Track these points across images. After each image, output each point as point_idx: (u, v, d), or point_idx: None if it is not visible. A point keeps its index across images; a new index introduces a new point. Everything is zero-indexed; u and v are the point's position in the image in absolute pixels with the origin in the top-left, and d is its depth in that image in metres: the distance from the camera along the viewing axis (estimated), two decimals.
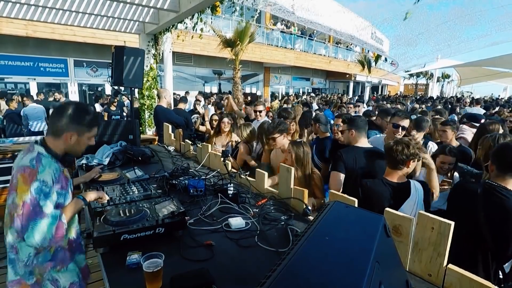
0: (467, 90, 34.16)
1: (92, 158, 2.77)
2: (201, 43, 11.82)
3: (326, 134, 3.57)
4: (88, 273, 1.80)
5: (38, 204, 1.33)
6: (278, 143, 2.88)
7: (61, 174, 1.51)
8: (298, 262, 0.65)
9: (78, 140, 1.53)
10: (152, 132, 5.85)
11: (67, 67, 11.94)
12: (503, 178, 1.67)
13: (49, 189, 1.39)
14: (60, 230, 1.39)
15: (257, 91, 19.49)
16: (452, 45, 17.90)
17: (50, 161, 1.44)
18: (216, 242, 1.46)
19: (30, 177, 1.34)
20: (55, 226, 1.36)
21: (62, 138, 1.49)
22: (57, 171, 1.47)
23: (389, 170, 2.03)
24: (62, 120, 1.48)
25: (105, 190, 1.83)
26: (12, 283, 1.48)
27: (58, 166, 1.50)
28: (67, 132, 1.49)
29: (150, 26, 5.27)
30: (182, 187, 2.12)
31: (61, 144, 1.51)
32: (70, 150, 1.56)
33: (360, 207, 1.05)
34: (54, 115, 1.51)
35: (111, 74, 4.10)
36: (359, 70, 20.32)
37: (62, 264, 1.56)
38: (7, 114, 7.14)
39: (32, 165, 1.37)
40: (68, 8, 4.24)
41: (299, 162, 2.47)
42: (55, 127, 1.49)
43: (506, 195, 1.61)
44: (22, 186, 1.33)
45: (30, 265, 1.46)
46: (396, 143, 1.97)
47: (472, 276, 1.09)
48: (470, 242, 1.70)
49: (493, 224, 1.62)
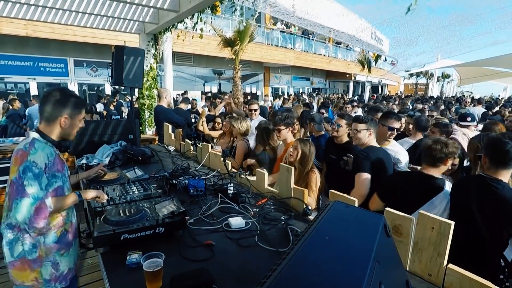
0: (467, 90, 34.13)
1: (92, 158, 2.77)
2: (201, 43, 11.81)
3: (321, 132, 3.63)
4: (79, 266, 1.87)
5: (22, 184, 1.38)
6: (282, 135, 3.00)
7: (56, 158, 1.57)
8: (298, 262, 0.65)
9: (71, 122, 1.61)
10: (152, 132, 5.85)
11: (67, 67, 11.93)
12: (495, 170, 1.75)
13: (39, 171, 1.43)
14: (41, 212, 1.43)
15: (257, 91, 19.48)
16: (452, 42, 17.91)
17: (44, 145, 1.51)
18: (216, 242, 1.46)
19: (21, 158, 1.42)
20: (34, 206, 1.40)
21: (56, 123, 1.58)
22: (51, 155, 1.52)
23: (427, 168, 2.07)
24: (53, 107, 1.56)
25: (105, 189, 1.84)
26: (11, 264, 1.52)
27: (53, 150, 1.56)
28: (61, 116, 1.57)
29: (150, 26, 5.26)
30: (182, 187, 2.12)
31: (55, 129, 1.59)
32: (65, 134, 1.63)
33: (358, 208, 1.05)
34: (44, 103, 1.58)
35: (111, 74, 4.09)
36: (359, 70, 20.31)
37: (66, 248, 1.63)
38: (10, 114, 7.23)
39: (25, 148, 1.45)
40: (68, 8, 4.23)
41: (303, 160, 2.49)
42: (47, 114, 1.57)
43: (497, 186, 1.69)
44: (13, 167, 1.41)
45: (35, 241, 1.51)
46: (435, 142, 2.02)
47: (472, 276, 1.09)
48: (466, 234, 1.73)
49: (486, 214, 1.70)
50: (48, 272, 1.55)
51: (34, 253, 1.52)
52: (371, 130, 2.52)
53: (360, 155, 2.43)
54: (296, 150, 2.50)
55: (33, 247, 1.51)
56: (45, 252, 1.54)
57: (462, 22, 16.90)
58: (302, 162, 2.49)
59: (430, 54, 22.09)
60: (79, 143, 3.02)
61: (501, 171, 1.73)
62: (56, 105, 1.57)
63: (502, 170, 1.73)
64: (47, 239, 1.54)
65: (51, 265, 1.56)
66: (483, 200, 1.73)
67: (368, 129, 2.51)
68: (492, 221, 1.68)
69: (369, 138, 2.53)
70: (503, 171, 1.73)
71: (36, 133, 1.55)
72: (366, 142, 2.53)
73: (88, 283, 2.81)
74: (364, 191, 2.33)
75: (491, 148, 1.78)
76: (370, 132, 2.51)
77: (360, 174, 2.37)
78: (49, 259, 1.56)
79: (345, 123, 2.95)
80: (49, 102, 1.56)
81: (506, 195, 1.65)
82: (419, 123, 3.36)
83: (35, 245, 1.51)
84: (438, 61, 22.25)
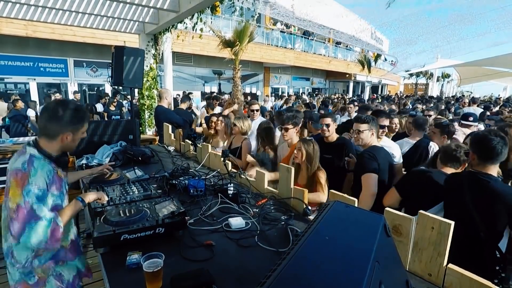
0: (467, 89, 34.11)
1: (92, 158, 2.77)
2: (201, 43, 11.82)
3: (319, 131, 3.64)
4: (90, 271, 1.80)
5: (31, 208, 1.32)
6: (289, 135, 3.03)
7: (54, 175, 1.50)
8: (298, 262, 0.65)
9: (73, 138, 1.55)
10: (152, 132, 5.85)
11: (67, 67, 11.93)
12: (484, 165, 1.82)
13: (43, 192, 1.37)
14: (56, 233, 1.38)
15: (257, 91, 19.48)
16: (452, 41, 17.94)
17: (42, 163, 1.43)
18: (216, 242, 1.46)
19: (22, 180, 1.34)
20: (50, 229, 1.35)
21: (57, 139, 1.50)
22: (50, 172, 1.46)
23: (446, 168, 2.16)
24: (55, 123, 1.47)
25: (105, 190, 1.83)
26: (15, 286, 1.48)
27: (52, 167, 1.49)
28: (63, 133, 1.49)
29: (150, 26, 5.27)
30: (182, 187, 2.12)
31: (56, 145, 1.51)
32: (66, 148, 1.57)
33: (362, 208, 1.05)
34: (45, 118, 1.48)
35: (111, 74, 4.10)
36: (359, 70, 20.31)
37: (63, 259, 1.57)
38: (14, 115, 7.27)
39: (23, 168, 1.36)
40: (68, 8, 4.24)
41: (309, 160, 2.51)
42: (48, 130, 1.48)
43: (488, 180, 1.77)
44: (15, 190, 1.33)
45: (28, 267, 1.46)
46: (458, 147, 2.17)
47: (472, 276, 1.09)
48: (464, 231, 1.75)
49: (481, 208, 1.76)
50: (53, 285, 1.51)
51: (32, 278, 1.47)
52: (373, 129, 2.51)
53: (366, 155, 2.42)
54: (300, 151, 2.52)
55: (29, 273, 1.46)
56: (43, 271, 1.49)
57: (461, 21, 16.94)
58: (309, 162, 2.52)
59: (430, 54, 22.14)
60: (79, 143, 3.00)
61: (489, 166, 1.81)
62: (58, 122, 1.47)
63: (490, 165, 1.81)
64: (42, 259, 1.48)
65: (54, 278, 1.52)
66: (476, 195, 1.79)
67: (370, 129, 2.50)
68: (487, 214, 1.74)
69: (371, 138, 2.52)
70: (491, 166, 1.82)
71: (34, 149, 1.46)
72: (368, 142, 2.52)
73: (88, 283, 2.81)
74: (373, 191, 2.33)
75: (478, 145, 1.85)
76: (372, 132, 2.51)
77: (369, 175, 2.35)
78: (50, 274, 1.51)
79: (331, 121, 3.01)
80: (50, 118, 1.47)
81: (498, 187, 1.73)
82: (416, 123, 3.40)
83: (30, 271, 1.46)
84: (438, 61, 22.27)
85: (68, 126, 1.49)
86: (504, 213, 1.67)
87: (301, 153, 2.51)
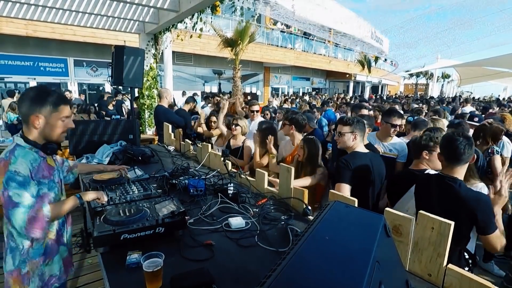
0: (467, 90, 34.12)
1: (92, 158, 2.77)
2: (201, 42, 11.83)
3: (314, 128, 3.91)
4: (71, 262, 1.78)
5: (8, 195, 1.34)
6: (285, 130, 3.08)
7: (42, 163, 1.49)
8: (298, 262, 0.65)
9: (47, 122, 1.47)
10: (152, 132, 5.85)
11: (67, 66, 11.93)
12: (451, 168, 1.79)
13: (23, 178, 1.37)
14: (37, 222, 1.38)
15: (257, 90, 19.48)
16: (452, 46, 18.01)
17: (26, 151, 1.43)
18: (216, 242, 1.46)
19: (4, 168, 1.36)
20: (27, 215, 1.36)
21: (30, 124, 1.45)
22: (35, 161, 1.45)
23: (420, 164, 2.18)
24: (24, 105, 1.44)
25: (105, 189, 1.83)
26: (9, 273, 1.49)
27: (38, 155, 1.48)
28: (32, 115, 1.44)
29: (150, 26, 5.27)
30: (182, 187, 2.12)
31: (32, 130, 1.47)
32: (47, 135, 1.50)
33: (358, 209, 1.05)
34: (18, 103, 1.48)
35: (111, 74, 4.10)
36: (359, 70, 20.34)
37: (50, 257, 1.57)
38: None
39: (5, 156, 1.40)
40: (68, 8, 4.24)
41: (311, 158, 2.52)
42: (21, 114, 1.47)
43: (453, 185, 1.74)
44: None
45: (25, 254, 1.47)
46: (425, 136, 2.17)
47: (472, 276, 1.09)
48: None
49: (447, 211, 1.74)
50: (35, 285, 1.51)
51: (24, 267, 1.47)
52: (356, 133, 2.25)
53: (341, 164, 2.19)
54: (302, 149, 2.57)
55: (24, 262, 1.47)
56: (30, 267, 1.49)
57: (461, 26, 16.99)
58: (310, 160, 2.55)
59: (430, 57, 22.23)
60: (79, 143, 3.02)
61: (455, 168, 1.78)
62: (27, 104, 1.43)
63: (456, 166, 1.78)
64: (34, 253, 1.48)
65: (38, 277, 1.52)
66: (442, 199, 1.78)
67: (352, 132, 2.25)
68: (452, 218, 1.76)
69: (353, 142, 2.27)
70: (457, 167, 1.78)
71: (20, 138, 1.46)
72: (350, 145, 2.28)
73: (88, 283, 2.81)
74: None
75: (444, 146, 1.83)
76: (355, 136, 2.25)
77: (339, 185, 2.14)
78: (36, 273, 1.51)
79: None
80: (21, 101, 1.45)
81: (461, 192, 1.71)
82: (414, 124, 3.44)
83: (25, 260, 1.47)
84: (438, 61, 22.28)
85: (35, 107, 1.44)
86: (466, 218, 1.65)
87: (303, 151, 2.54)
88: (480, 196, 1.69)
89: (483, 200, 1.66)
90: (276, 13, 10.25)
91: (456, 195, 1.71)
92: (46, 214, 1.42)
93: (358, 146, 2.29)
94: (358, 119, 2.33)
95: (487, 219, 1.62)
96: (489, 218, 1.62)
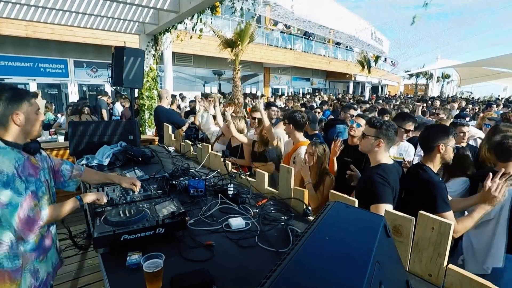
0: (467, 90, 34.11)
1: (92, 159, 2.77)
2: (201, 43, 11.82)
3: (314, 131, 3.72)
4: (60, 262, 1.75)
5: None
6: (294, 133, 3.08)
7: (25, 162, 1.47)
8: (299, 262, 0.65)
9: (26, 118, 1.48)
10: (152, 133, 5.85)
11: (67, 67, 11.93)
12: (428, 157, 1.93)
13: (7, 177, 1.34)
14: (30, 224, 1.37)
15: (257, 91, 19.48)
16: (452, 42, 18.01)
17: (6, 152, 1.41)
18: (216, 242, 1.46)
19: None
20: (17, 214, 1.33)
21: (10, 123, 1.45)
22: (20, 159, 1.44)
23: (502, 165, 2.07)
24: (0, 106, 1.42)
25: (105, 190, 1.83)
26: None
27: (20, 155, 1.46)
28: (11, 114, 1.44)
29: (150, 27, 5.27)
30: (182, 188, 2.12)
31: (13, 129, 1.46)
32: (28, 132, 1.51)
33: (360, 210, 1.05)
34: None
35: (111, 75, 4.10)
36: (359, 70, 20.30)
37: (44, 253, 1.55)
38: None
39: None
40: (68, 9, 4.24)
41: (320, 162, 2.55)
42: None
43: (420, 170, 1.88)
44: None
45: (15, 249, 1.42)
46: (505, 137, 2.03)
47: (472, 276, 1.09)
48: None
49: (416, 195, 1.85)
50: (27, 283, 1.47)
51: (17, 261, 1.43)
52: (382, 139, 1.89)
53: (378, 179, 1.79)
54: (311, 156, 2.56)
55: (15, 256, 1.42)
56: (23, 261, 1.45)
57: (461, 25, 17.02)
58: (319, 164, 2.55)
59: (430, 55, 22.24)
60: (79, 143, 3.02)
61: (426, 156, 1.94)
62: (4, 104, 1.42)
63: (426, 155, 1.94)
64: (26, 247, 1.45)
65: (31, 274, 1.48)
66: (412, 183, 1.91)
67: (377, 137, 1.90)
68: (419, 201, 1.84)
69: (377, 149, 1.91)
70: (426, 156, 1.94)
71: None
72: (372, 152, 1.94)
73: (88, 283, 2.81)
74: None
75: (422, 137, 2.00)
76: (380, 143, 1.90)
77: (382, 207, 1.69)
78: (28, 269, 1.47)
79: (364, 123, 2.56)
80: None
81: (424, 177, 1.84)
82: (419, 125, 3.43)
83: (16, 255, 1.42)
84: (438, 61, 22.28)
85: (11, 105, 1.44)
86: (427, 200, 1.74)
87: (312, 156, 2.56)
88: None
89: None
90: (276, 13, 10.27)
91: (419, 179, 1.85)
92: (42, 217, 1.40)
93: (383, 157, 1.93)
94: (389, 123, 1.95)
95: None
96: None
